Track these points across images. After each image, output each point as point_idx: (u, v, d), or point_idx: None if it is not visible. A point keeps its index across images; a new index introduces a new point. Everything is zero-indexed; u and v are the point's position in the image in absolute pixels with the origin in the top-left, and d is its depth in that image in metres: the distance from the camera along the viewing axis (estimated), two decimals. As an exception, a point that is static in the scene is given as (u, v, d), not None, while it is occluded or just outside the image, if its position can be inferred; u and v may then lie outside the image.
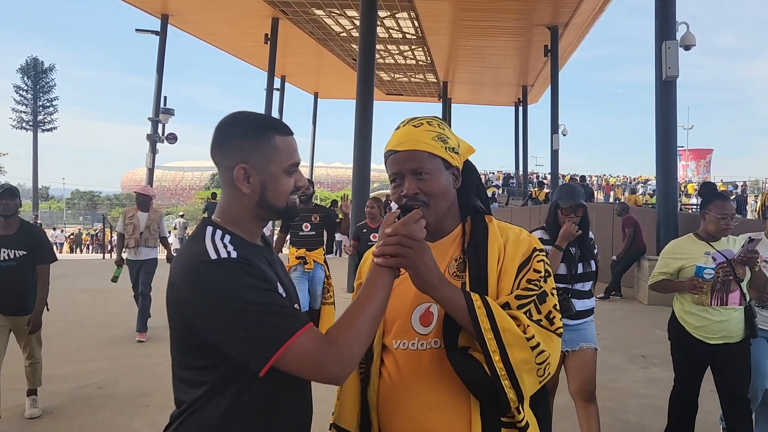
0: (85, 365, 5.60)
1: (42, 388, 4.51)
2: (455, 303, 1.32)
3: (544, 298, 1.40)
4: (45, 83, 58.06)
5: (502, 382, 1.30)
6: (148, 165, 20.00)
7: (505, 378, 1.30)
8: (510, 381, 1.30)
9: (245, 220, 1.38)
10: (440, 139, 1.47)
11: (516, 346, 1.31)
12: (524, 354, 1.31)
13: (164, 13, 19.63)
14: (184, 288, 1.25)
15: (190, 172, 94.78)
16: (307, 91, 33.00)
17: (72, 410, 4.46)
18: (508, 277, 1.42)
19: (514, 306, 1.37)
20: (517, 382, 1.31)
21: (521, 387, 1.31)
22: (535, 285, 1.40)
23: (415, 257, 1.29)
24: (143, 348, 6.29)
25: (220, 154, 1.37)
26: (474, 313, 1.31)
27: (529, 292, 1.39)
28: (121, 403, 4.57)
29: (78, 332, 7.13)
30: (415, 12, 17.77)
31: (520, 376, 1.31)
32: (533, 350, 1.32)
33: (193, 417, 1.29)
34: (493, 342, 1.30)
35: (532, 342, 1.32)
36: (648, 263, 9.14)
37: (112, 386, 4.99)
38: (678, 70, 9.43)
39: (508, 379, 1.30)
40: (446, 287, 1.33)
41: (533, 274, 1.42)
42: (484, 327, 1.30)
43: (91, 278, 12.23)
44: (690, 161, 50.20)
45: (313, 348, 1.18)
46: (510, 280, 1.42)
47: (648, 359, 5.81)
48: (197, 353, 1.28)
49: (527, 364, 1.32)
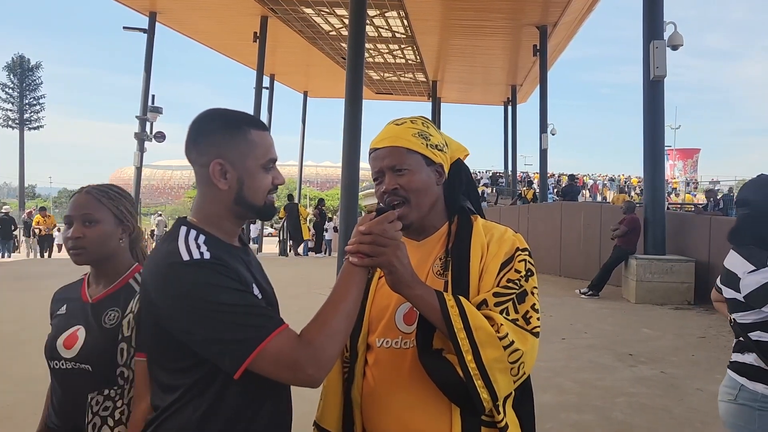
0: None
1: (26, 389, 4.45)
2: (428, 302, 1.32)
3: (523, 297, 1.40)
4: (31, 81, 57.56)
5: (475, 382, 1.29)
6: (136, 164, 19.85)
7: (478, 378, 1.29)
8: (483, 381, 1.30)
9: (222, 219, 1.34)
10: (421, 136, 1.47)
11: (488, 345, 1.30)
12: (497, 353, 1.30)
13: (152, 10, 19.48)
14: (156, 289, 1.23)
15: (179, 170, 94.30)
16: (296, 89, 32.89)
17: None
18: (489, 276, 1.42)
19: (491, 303, 1.37)
20: (490, 382, 1.30)
21: (494, 387, 1.31)
22: (515, 284, 1.40)
23: (390, 255, 1.28)
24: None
25: (195, 151, 1.33)
26: (447, 312, 1.31)
27: (508, 290, 1.39)
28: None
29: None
30: (404, 11, 17.76)
31: (493, 376, 1.30)
32: (506, 349, 1.31)
33: (169, 421, 1.27)
34: (466, 341, 1.29)
35: (504, 341, 1.31)
36: (636, 262, 9.19)
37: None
38: (666, 70, 9.48)
39: (481, 379, 1.30)
40: (419, 286, 1.33)
41: (514, 273, 1.41)
42: (457, 327, 1.30)
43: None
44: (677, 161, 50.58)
45: (288, 350, 1.15)
46: (491, 279, 1.41)
47: (635, 358, 5.84)
48: (172, 355, 1.25)
49: (500, 363, 1.31)
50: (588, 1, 16.99)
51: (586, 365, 5.60)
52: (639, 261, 9.18)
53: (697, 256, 9.23)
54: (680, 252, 9.68)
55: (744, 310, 2.18)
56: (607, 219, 11.37)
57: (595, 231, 11.71)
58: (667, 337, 6.72)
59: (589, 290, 9.91)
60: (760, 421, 2.19)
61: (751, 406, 2.21)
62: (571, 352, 6.01)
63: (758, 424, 2.20)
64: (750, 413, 2.22)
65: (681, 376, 5.22)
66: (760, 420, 2.19)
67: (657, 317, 7.95)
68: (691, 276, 9.04)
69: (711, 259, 9.10)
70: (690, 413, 4.34)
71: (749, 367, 2.22)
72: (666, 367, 5.54)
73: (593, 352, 6.09)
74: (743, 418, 2.24)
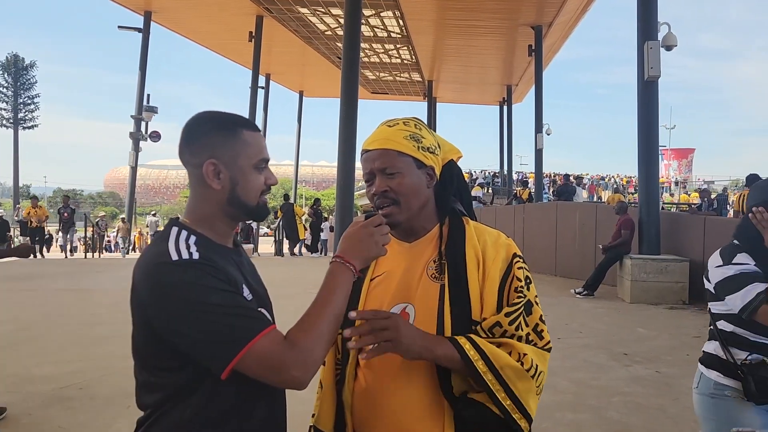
0: (65, 366, 5.52)
1: (21, 389, 4.44)
2: (448, 356, 1.33)
3: (530, 308, 1.42)
4: (26, 80, 57.24)
5: (513, 415, 1.34)
6: (131, 163, 19.83)
7: (515, 411, 1.34)
8: (520, 413, 1.35)
9: (215, 219, 1.35)
10: (413, 139, 1.46)
11: (518, 380, 1.35)
12: (527, 384, 1.36)
13: (147, 10, 19.46)
14: (145, 289, 1.23)
15: (174, 170, 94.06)
16: (292, 89, 32.89)
17: (52, 412, 4.40)
18: (492, 283, 1.42)
19: (505, 324, 1.38)
20: (525, 411, 1.35)
21: (529, 412, 1.36)
22: (521, 295, 1.41)
23: (394, 336, 1.29)
24: (125, 348, 6.14)
25: (189, 152, 1.34)
26: (468, 359, 1.32)
27: (516, 304, 1.40)
28: (103, 405, 4.52)
29: (59, 332, 7.04)
30: (400, 11, 17.78)
31: (527, 404, 1.35)
32: (534, 378, 1.36)
33: (159, 421, 1.27)
34: (495, 382, 1.33)
35: (531, 371, 1.35)
36: (630, 262, 9.22)
37: (93, 387, 4.92)
38: (660, 71, 9.51)
39: (518, 412, 1.34)
40: (435, 347, 1.34)
41: (516, 282, 1.43)
42: (482, 370, 1.32)
43: (72, 278, 12.08)
44: (672, 160, 50.73)
45: (274, 351, 1.16)
46: (493, 285, 1.42)
47: (631, 357, 5.86)
48: (161, 356, 1.26)
49: (531, 392, 1.36)
50: (583, 1, 17.04)
51: (581, 365, 5.61)
52: (634, 261, 9.21)
53: (692, 256, 9.26)
54: (674, 252, 9.72)
55: (714, 300, 2.34)
56: (602, 219, 11.40)
57: (590, 231, 11.74)
58: (662, 336, 6.74)
59: (585, 290, 9.94)
60: (715, 409, 2.24)
61: (706, 394, 2.28)
62: (566, 352, 6.02)
63: (714, 413, 2.24)
64: (707, 402, 2.28)
65: (676, 376, 5.23)
66: (715, 409, 2.24)
67: (652, 317, 7.97)
68: (685, 276, 9.07)
69: (705, 258, 9.05)
70: (685, 412, 4.35)
71: (708, 355, 2.35)
72: (661, 366, 5.55)
73: (588, 351, 6.10)
74: (703, 407, 2.31)
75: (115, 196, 78.89)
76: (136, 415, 1.36)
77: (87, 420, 4.23)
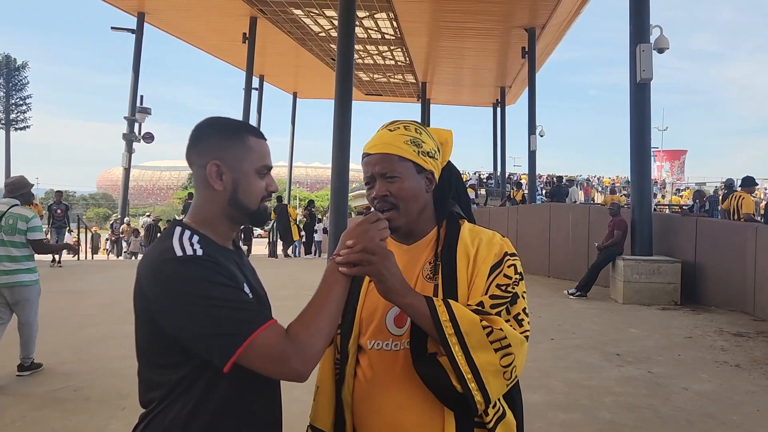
0: (59, 367, 5.51)
1: (15, 391, 4.43)
2: (417, 308, 1.34)
3: (515, 300, 1.43)
4: (17, 81, 56.90)
5: (468, 384, 1.32)
6: (125, 164, 19.78)
7: (472, 381, 1.32)
8: (477, 384, 1.32)
9: (217, 220, 1.38)
10: (413, 143, 1.49)
11: (480, 348, 1.33)
12: (489, 356, 1.33)
13: (140, 11, 19.44)
14: (150, 285, 1.27)
15: (168, 171, 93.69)
16: (285, 90, 32.88)
17: (46, 413, 4.39)
18: (480, 279, 1.44)
19: (487, 306, 1.39)
20: (483, 385, 1.33)
21: (487, 389, 1.33)
22: (507, 290, 1.42)
23: (379, 264, 1.31)
24: (119, 349, 6.20)
25: (195, 152, 1.38)
26: (437, 318, 1.33)
27: (501, 297, 1.41)
28: (97, 406, 4.51)
29: (52, 334, 7.01)
30: (393, 13, 17.81)
31: (486, 379, 1.33)
32: (497, 352, 1.34)
33: (159, 417, 1.30)
34: (457, 346, 1.32)
35: (496, 344, 1.34)
36: (623, 263, 9.26)
37: (87, 388, 4.91)
38: (652, 73, 9.56)
39: (475, 382, 1.32)
40: (409, 294, 1.35)
41: (504, 278, 1.43)
42: (448, 332, 1.32)
43: (65, 280, 12.03)
44: (664, 162, 51.02)
45: (276, 344, 1.19)
46: (482, 281, 1.44)
47: (623, 357, 5.89)
48: (163, 351, 1.29)
49: (492, 366, 1.33)
50: (576, 3, 17.11)
51: (573, 365, 5.64)
52: (626, 262, 9.26)
53: (684, 257, 9.32)
54: (667, 253, 9.77)
55: None
56: (595, 219, 11.46)
57: (583, 232, 11.79)
58: (653, 337, 6.78)
59: (577, 291, 9.98)
60: None
61: None
62: (559, 352, 6.06)
63: None
64: None
65: (667, 376, 5.27)
66: None
67: (644, 317, 8.02)
68: (677, 277, 9.12)
69: (697, 259, 9.19)
70: (676, 412, 4.39)
71: None
72: (652, 366, 5.59)
73: (581, 352, 6.13)
74: None
75: (107, 198, 78.43)
76: (131, 416, 1.38)
77: (81, 421, 4.23)
